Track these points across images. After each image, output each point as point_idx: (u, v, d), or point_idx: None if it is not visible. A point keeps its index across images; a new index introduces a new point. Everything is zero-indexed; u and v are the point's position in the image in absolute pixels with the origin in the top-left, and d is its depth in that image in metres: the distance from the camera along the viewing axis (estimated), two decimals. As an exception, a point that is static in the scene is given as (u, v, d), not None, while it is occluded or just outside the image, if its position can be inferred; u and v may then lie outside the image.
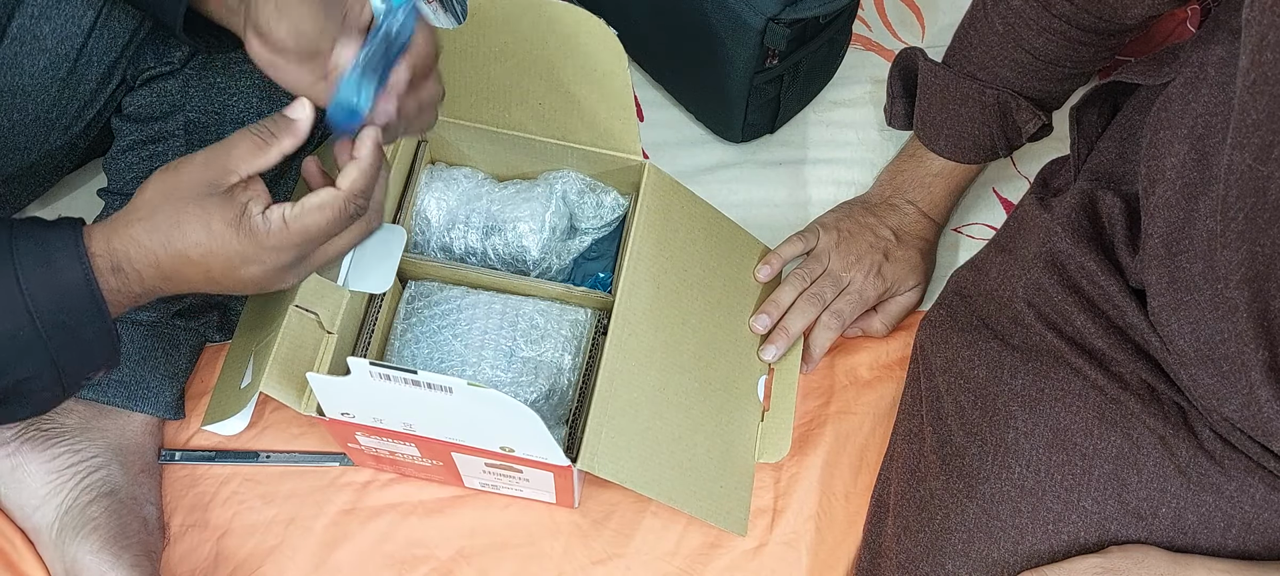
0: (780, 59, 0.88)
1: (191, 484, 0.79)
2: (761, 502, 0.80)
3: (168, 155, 0.78)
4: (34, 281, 0.55)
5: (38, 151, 0.77)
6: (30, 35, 0.72)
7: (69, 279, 0.55)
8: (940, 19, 1.05)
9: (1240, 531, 0.65)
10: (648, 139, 0.98)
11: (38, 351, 0.55)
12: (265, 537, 0.78)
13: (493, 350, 0.75)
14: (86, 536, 0.71)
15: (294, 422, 0.82)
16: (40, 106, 0.74)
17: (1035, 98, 0.82)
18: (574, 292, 0.78)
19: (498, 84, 0.75)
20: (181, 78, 0.77)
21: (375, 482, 0.80)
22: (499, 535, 0.79)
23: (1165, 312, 0.64)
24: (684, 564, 0.78)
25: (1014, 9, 0.76)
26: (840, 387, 0.85)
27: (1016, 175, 0.96)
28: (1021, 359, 0.72)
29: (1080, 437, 0.68)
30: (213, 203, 0.56)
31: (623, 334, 0.72)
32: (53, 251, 0.55)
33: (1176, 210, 0.62)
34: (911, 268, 0.86)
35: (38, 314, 0.55)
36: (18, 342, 0.55)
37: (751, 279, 0.85)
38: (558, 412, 0.75)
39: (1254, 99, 0.51)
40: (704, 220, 0.82)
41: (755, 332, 0.82)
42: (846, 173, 0.96)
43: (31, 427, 0.74)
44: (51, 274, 0.55)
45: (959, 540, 0.69)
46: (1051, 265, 0.73)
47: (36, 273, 0.55)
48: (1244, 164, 0.53)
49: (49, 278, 0.55)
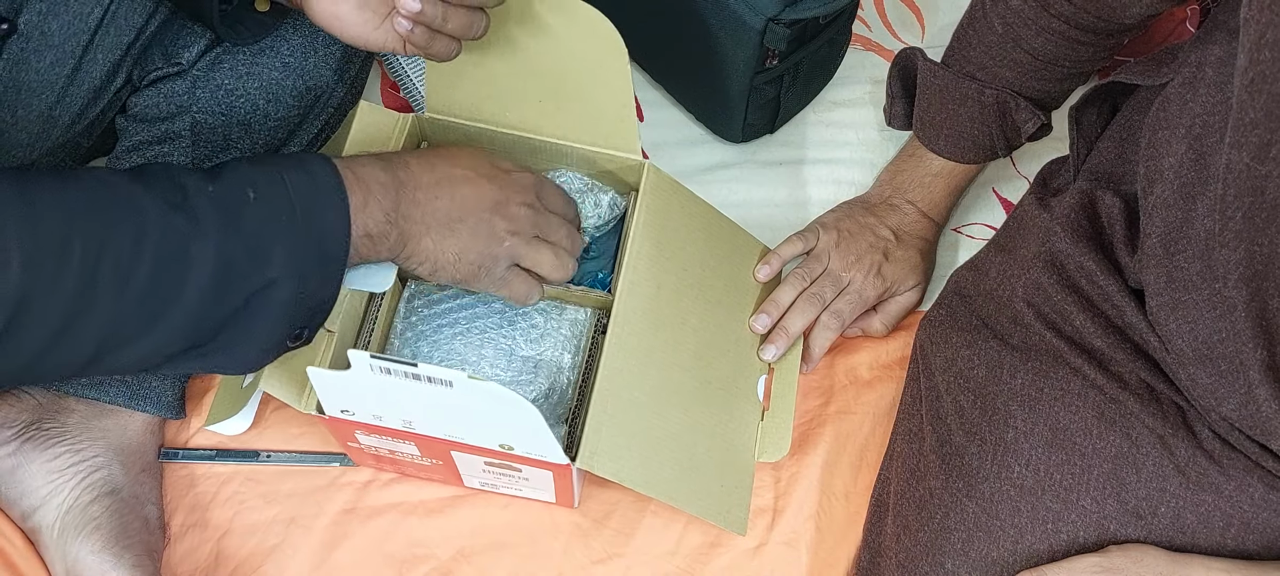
0: (780, 59, 0.88)
1: (192, 483, 0.80)
2: (761, 502, 0.80)
3: (173, 156, 0.78)
4: (296, 177, 0.60)
5: (40, 148, 0.77)
6: (37, 31, 0.72)
7: (324, 179, 0.61)
8: (940, 19, 1.05)
9: (1239, 531, 0.65)
10: (648, 139, 0.98)
11: (290, 241, 0.59)
12: (266, 537, 0.78)
13: (492, 349, 0.75)
14: (88, 536, 0.71)
15: (294, 422, 0.82)
16: (44, 103, 0.74)
17: (1034, 97, 0.82)
18: (573, 292, 0.78)
19: (499, 82, 0.75)
20: (189, 79, 0.77)
21: (376, 482, 0.80)
22: (499, 535, 0.79)
23: (1163, 312, 0.64)
24: (684, 563, 0.79)
25: (1013, 9, 0.76)
26: (840, 387, 0.85)
27: (1016, 175, 0.96)
28: (1021, 358, 0.72)
29: (1079, 437, 0.68)
30: None
31: (622, 333, 0.72)
32: (309, 162, 0.62)
33: (1174, 210, 0.62)
34: (911, 267, 0.86)
35: (299, 201, 0.59)
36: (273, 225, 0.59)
37: (751, 278, 0.85)
38: (557, 411, 0.75)
39: (1252, 97, 0.51)
40: (703, 220, 0.82)
41: (755, 332, 0.82)
42: (846, 173, 0.96)
43: (32, 427, 0.74)
44: (309, 176, 0.61)
45: (958, 539, 0.69)
46: (1051, 265, 0.73)
47: (297, 172, 0.60)
48: (1242, 163, 0.53)
49: (307, 178, 0.60)
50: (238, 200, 0.58)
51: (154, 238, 0.55)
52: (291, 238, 0.59)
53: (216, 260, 0.56)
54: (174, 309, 0.56)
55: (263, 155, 0.62)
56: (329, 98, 0.82)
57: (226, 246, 0.57)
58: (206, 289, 0.56)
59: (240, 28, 0.72)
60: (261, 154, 0.79)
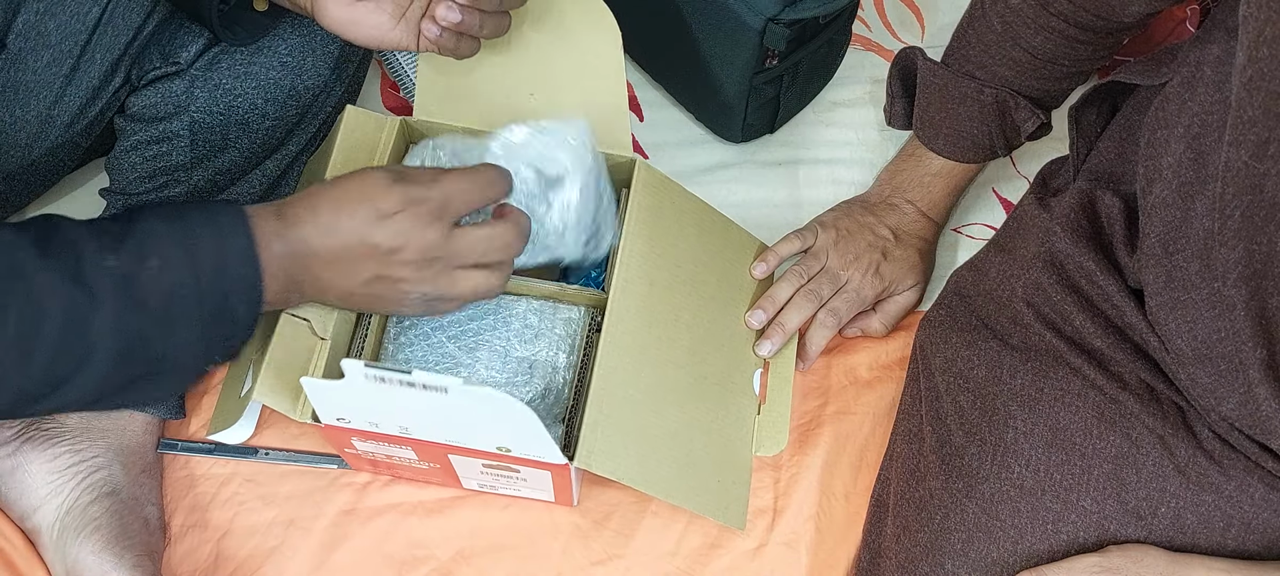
0: (780, 59, 0.88)
1: (191, 484, 0.80)
2: (761, 503, 0.80)
3: (172, 156, 0.78)
4: (204, 244, 0.58)
5: (39, 148, 0.77)
6: (35, 31, 0.72)
7: (234, 245, 0.59)
8: (940, 19, 1.05)
9: (1239, 531, 0.65)
10: (648, 139, 0.98)
11: (194, 319, 0.58)
12: (265, 538, 0.78)
13: (487, 350, 0.75)
14: (87, 537, 0.71)
15: (294, 423, 0.82)
16: (43, 103, 0.74)
17: (1034, 97, 0.82)
18: (567, 291, 0.78)
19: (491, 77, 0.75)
20: (187, 78, 0.77)
21: (375, 483, 0.80)
22: (499, 536, 0.79)
23: (1163, 312, 0.64)
24: (684, 564, 0.78)
25: (1012, 7, 0.76)
26: (840, 388, 0.85)
27: (1016, 175, 0.96)
28: (1021, 359, 0.72)
29: (1079, 437, 0.68)
30: None
31: (617, 331, 0.72)
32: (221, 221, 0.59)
33: (1174, 209, 0.62)
34: (909, 267, 0.85)
35: (201, 273, 0.58)
36: (179, 300, 0.58)
37: (746, 275, 0.84)
38: (554, 411, 0.75)
39: (1250, 96, 0.51)
40: (696, 216, 0.82)
41: (750, 327, 0.82)
42: (846, 173, 0.96)
43: (32, 427, 0.74)
44: (217, 238, 0.59)
45: (958, 540, 0.69)
46: (1051, 265, 0.73)
47: (206, 236, 0.58)
48: (1240, 161, 0.53)
49: (217, 242, 0.58)
50: (138, 272, 0.57)
51: (54, 314, 0.55)
52: (196, 309, 0.59)
53: (117, 335, 0.57)
54: (80, 375, 0.57)
55: (176, 208, 0.60)
56: (327, 96, 0.82)
57: (127, 321, 0.57)
58: (111, 357, 0.57)
59: (237, 28, 0.73)
60: (178, 203, 0.78)
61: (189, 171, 0.79)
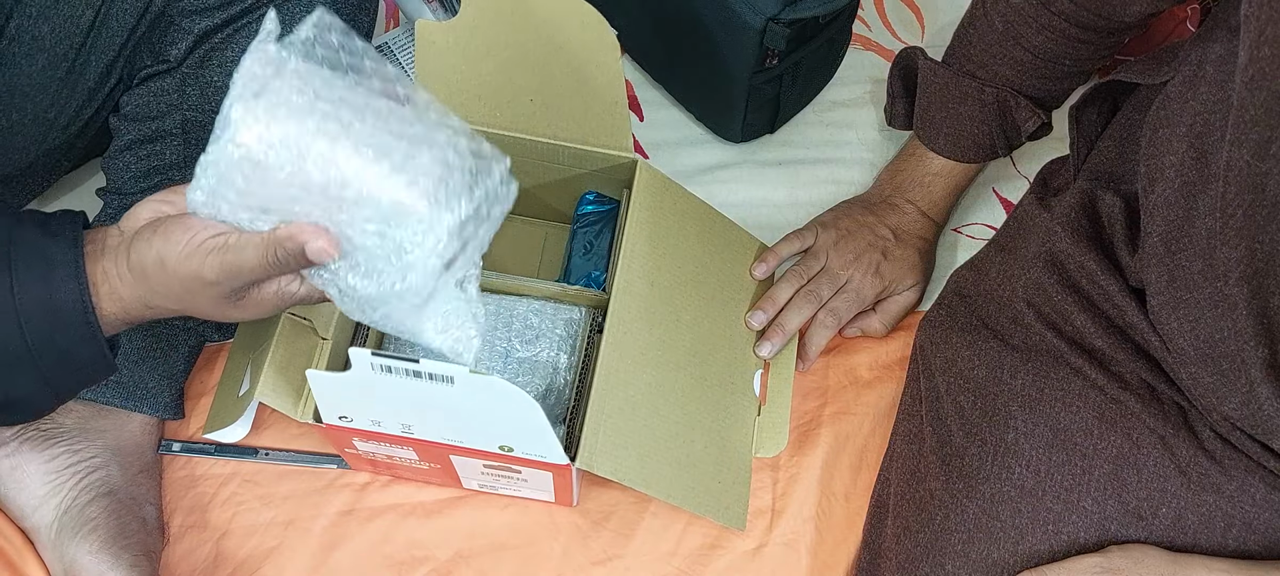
0: (780, 59, 0.88)
1: (191, 484, 0.79)
2: (761, 503, 0.80)
3: (165, 154, 0.78)
4: (29, 296, 0.54)
5: (36, 151, 0.77)
6: (29, 35, 0.72)
7: (64, 298, 0.55)
8: (940, 19, 1.05)
9: (1240, 531, 0.65)
10: (648, 139, 0.98)
11: (27, 366, 0.56)
12: (264, 538, 0.78)
13: (488, 351, 0.75)
14: (85, 536, 0.71)
15: (293, 422, 0.82)
16: (39, 106, 0.74)
17: (1035, 96, 0.82)
18: (568, 291, 0.78)
19: (488, 81, 0.75)
20: (178, 76, 0.77)
21: (374, 483, 0.80)
22: (498, 536, 0.79)
23: (1165, 311, 0.64)
24: (683, 564, 0.78)
25: (1013, 6, 0.76)
26: (840, 388, 0.85)
27: (1016, 175, 0.96)
28: (1021, 359, 0.72)
29: (1080, 437, 0.68)
30: None
31: (618, 332, 0.72)
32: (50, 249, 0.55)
33: (1175, 208, 0.61)
34: (909, 267, 0.85)
35: (28, 327, 0.55)
36: (6, 356, 0.55)
37: (746, 275, 0.84)
38: (555, 412, 0.75)
39: (1252, 94, 0.51)
40: (697, 217, 0.82)
41: (751, 328, 0.82)
42: (846, 173, 0.96)
43: (31, 427, 0.74)
44: (48, 290, 0.55)
45: (959, 540, 0.69)
46: (1051, 265, 0.73)
47: (33, 285, 0.55)
48: (1242, 160, 0.53)
49: (45, 295, 0.55)
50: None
51: None
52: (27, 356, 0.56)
53: None
54: None
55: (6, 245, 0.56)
56: (321, 95, 0.81)
57: None
58: None
59: None
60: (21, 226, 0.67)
61: (182, 170, 0.79)
